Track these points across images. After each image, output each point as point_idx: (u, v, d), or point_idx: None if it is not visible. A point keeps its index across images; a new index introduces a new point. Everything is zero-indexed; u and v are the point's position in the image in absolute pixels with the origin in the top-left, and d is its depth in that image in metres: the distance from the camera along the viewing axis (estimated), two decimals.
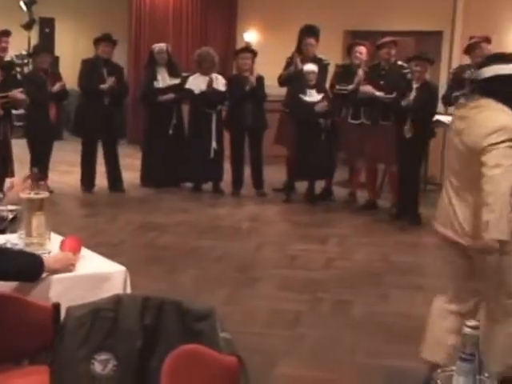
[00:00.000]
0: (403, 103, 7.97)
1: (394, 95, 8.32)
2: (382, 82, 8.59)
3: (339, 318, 5.38)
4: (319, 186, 9.47)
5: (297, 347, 4.77)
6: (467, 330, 1.69)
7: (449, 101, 7.78)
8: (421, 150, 8.27)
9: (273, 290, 5.98)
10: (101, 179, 9.56)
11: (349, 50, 9.26)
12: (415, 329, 5.11)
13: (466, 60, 8.63)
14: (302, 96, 8.94)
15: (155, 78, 9.59)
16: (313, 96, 8.94)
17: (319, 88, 9.02)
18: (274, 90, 9.76)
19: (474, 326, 1.68)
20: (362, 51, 9.11)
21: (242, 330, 4.67)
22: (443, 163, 7.86)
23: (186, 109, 9.88)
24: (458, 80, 7.61)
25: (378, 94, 8.53)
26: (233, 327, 2.75)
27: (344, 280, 6.28)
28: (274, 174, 9.87)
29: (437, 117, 9.07)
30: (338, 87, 9.05)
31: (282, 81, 9.45)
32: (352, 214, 8.79)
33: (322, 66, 9.22)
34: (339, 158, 9.54)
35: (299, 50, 9.40)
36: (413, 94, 8.02)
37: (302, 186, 9.42)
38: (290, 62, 9.47)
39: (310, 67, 9.00)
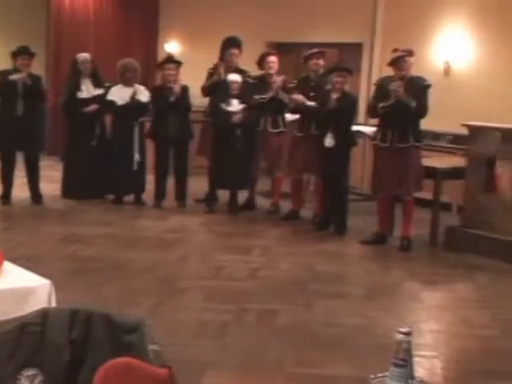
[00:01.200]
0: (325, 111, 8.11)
1: (316, 105, 8.41)
2: (312, 94, 8.67)
3: (265, 327, 5.40)
4: (243, 196, 9.51)
5: (224, 357, 4.76)
6: (400, 336, 1.72)
7: (374, 112, 7.91)
8: (343, 159, 8.38)
9: (198, 300, 5.95)
10: (20, 191, 9.38)
11: (261, 61, 9.28)
12: (340, 336, 5.20)
13: (388, 71, 8.75)
14: (222, 105, 8.97)
15: (79, 88, 9.47)
16: (233, 106, 8.98)
17: (242, 98, 9.06)
18: (197, 100, 9.76)
19: (407, 332, 1.71)
20: (274, 60, 9.21)
21: (169, 342, 4.62)
22: (364, 174, 8.07)
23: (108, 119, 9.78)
24: (382, 91, 7.74)
25: (309, 103, 8.59)
26: (159, 339, 2.73)
27: (269, 290, 6.30)
28: (197, 185, 9.86)
29: (358, 127, 9.25)
30: (256, 97, 9.10)
31: (206, 90, 9.46)
32: (275, 224, 8.85)
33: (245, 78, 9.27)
34: (262, 168, 9.60)
35: (222, 60, 9.43)
36: (332, 105, 8.16)
37: (224, 196, 9.44)
38: (212, 73, 9.49)
39: (234, 77, 9.05)
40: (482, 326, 5.66)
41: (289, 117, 9.30)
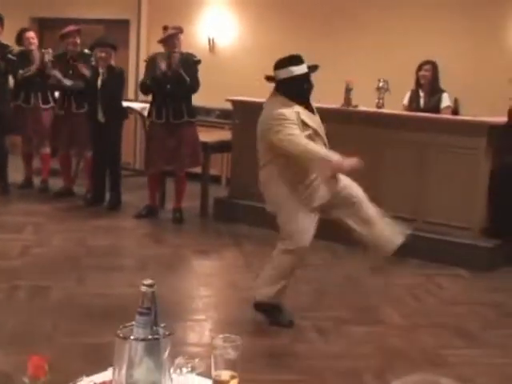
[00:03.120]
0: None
1: (84, 82, 8.40)
2: (70, 72, 8.63)
3: (37, 303, 5.41)
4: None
5: None
6: (144, 288, 1.88)
7: (146, 89, 8.03)
8: (115, 133, 8.43)
9: None
10: None
11: (19, 38, 9.12)
12: (112, 306, 5.31)
13: (155, 48, 8.84)
14: None
15: None
16: None
17: None
18: None
19: (150, 284, 1.88)
20: (32, 36, 9.15)
21: None
22: (148, 154, 8.17)
23: None
24: (152, 68, 7.87)
25: (67, 81, 8.57)
26: None
27: (41, 266, 6.29)
28: None
29: (128, 104, 9.32)
30: (20, 72, 8.93)
31: None
32: (47, 201, 8.75)
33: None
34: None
35: None
36: (100, 79, 8.22)
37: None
38: None
39: None
40: (248, 288, 6.00)
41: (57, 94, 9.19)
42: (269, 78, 5.09)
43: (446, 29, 8.69)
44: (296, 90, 4.93)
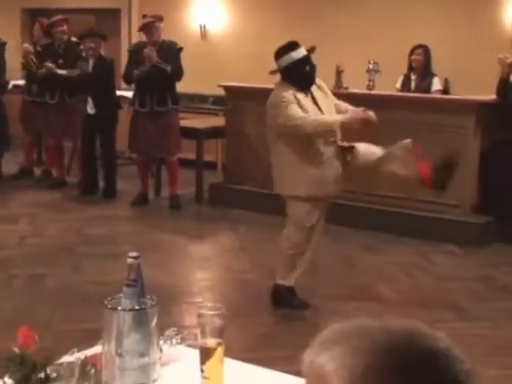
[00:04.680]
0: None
1: (76, 72, 8.44)
2: (60, 61, 8.67)
3: (34, 291, 5.47)
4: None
5: None
6: (130, 260, 1.94)
7: (130, 78, 8.08)
8: (108, 124, 8.48)
9: None
10: None
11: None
12: (109, 293, 5.34)
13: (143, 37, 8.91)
14: None
15: None
16: None
17: None
18: None
19: (135, 256, 1.94)
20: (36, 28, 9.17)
21: None
22: (132, 139, 8.20)
23: None
24: (136, 57, 7.91)
25: (61, 72, 8.61)
26: None
27: (37, 255, 6.35)
28: None
29: (121, 92, 9.36)
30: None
31: None
32: (43, 191, 8.80)
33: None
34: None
35: None
36: (90, 69, 8.27)
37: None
38: None
39: None
40: (242, 270, 6.09)
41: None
42: (272, 72, 5.18)
43: (436, 11, 8.72)
44: (300, 74, 4.98)
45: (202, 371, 1.94)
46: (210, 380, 1.93)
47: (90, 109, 8.28)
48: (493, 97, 6.95)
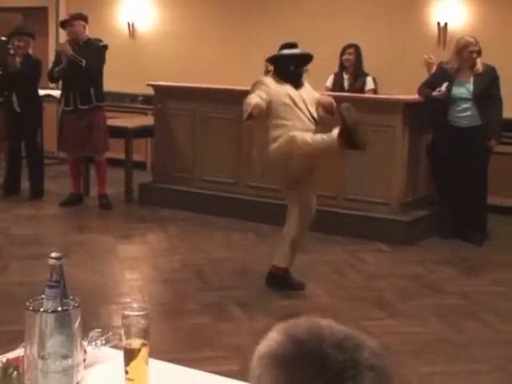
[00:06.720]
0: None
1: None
2: None
3: None
4: None
5: None
6: (52, 261, 1.90)
7: (52, 76, 8.01)
8: (33, 122, 8.33)
9: None
10: None
11: None
12: (36, 294, 5.23)
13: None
14: None
15: None
16: None
17: None
18: None
19: (57, 256, 1.90)
20: None
21: None
22: (60, 138, 8.08)
23: None
24: (60, 57, 7.84)
25: None
26: None
27: None
28: None
29: (48, 91, 9.23)
30: None
31: None
32: None
33: None
34: None
35: None
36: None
37: None
38: None
39: None
40: (172, 270, 6.05)
41: None
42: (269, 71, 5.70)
43: (363, 12, 8.80)
44: (282, 68, 5.46)
45: (127, 372, 1.91)
46: (134, 381, 1.91)
47: (17, 106, 8.13)
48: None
